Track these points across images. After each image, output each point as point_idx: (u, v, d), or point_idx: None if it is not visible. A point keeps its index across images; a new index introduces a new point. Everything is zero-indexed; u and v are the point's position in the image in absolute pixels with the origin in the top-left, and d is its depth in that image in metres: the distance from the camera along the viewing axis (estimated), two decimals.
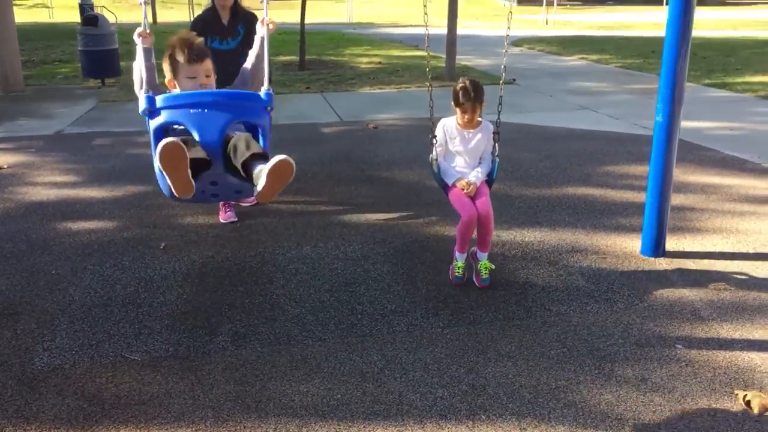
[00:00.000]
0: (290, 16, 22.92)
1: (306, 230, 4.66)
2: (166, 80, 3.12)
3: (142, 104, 2.79)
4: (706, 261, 4.16)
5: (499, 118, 3.82)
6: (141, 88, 2.94)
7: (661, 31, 3.99)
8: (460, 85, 3.71)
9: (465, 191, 3.71)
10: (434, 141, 3.82)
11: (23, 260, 4.16)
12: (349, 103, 9.41)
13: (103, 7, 16.35)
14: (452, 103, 3.76)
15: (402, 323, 3.42)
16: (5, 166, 6.21)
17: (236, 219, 4.78)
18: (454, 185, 3.77)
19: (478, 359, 3.10)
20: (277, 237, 4.54)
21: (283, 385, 2.90)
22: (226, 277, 3.94)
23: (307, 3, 13.08)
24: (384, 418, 2.68)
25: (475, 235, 3.79)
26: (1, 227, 4.70)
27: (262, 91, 2.93)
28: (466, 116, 3.72)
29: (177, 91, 3.06)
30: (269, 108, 2.91)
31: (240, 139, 2.69)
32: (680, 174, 5.78)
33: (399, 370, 3.01)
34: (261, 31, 3.25)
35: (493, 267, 3.85)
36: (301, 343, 3.23)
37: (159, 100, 2.79)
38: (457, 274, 3.82)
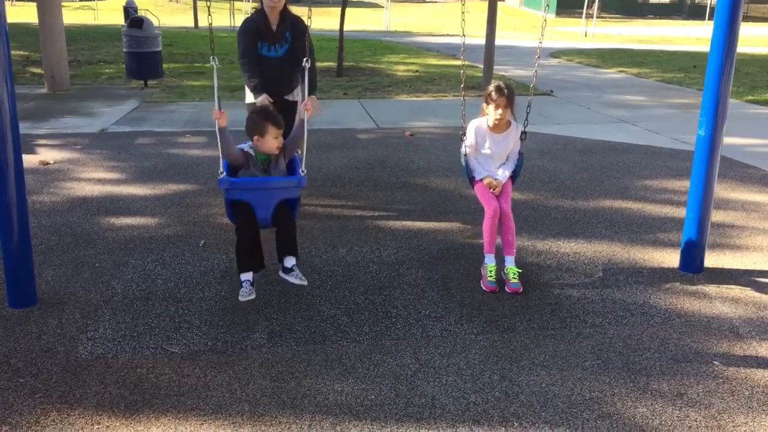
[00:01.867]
0: (329, 23, 23.14)
1: (342, 234, 4.71)
2: (254, 139, 3.79)
3: (219, 183, 3.63)
4: (745, 279, 4.10)
5: (527, 120, 3.99)
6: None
7: (703, 46, 3.97)
8: (494, 83, 3.97)
9: (492, 190, 3.94)
10: (464, 137, 4.05)
11: (68, 252, 4.29)
12: (385, 110, 9.47)
13: (147, 10, 16.73)
14: (483, 103, 3.97)
15: (436, 328, 3.44)
16: (51, 162, 6.40)
17: None
18: (480, 180, 4.02)
19: (512, 367, 3.10)
20: (314, 239, 4.60)
21: (318, 384, 2.94)
22: (262, 276, 4.00)
23: (346, 10, 13.22)
24: (417, 421, 2.71)
25: (499, 241, 3.93)
26: (48, 220, 4.85)
27: (301, 173, 3.71)
28: (499, 112, 3.87)
29: (258, 145, 3.81)
30: (302, 189, 3.81)
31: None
32: (721, 190, 5.71)
33: (432, 374, 3.03)
34: (302, 114, 3.90)
35: (521, 271, 3.88)
36: (336, 344, 3.27)
37: (228, 183, 3.63)
38: (489, 278, 3.84)
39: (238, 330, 3.37)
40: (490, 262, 3.88)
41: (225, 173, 3.67)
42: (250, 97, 4.77)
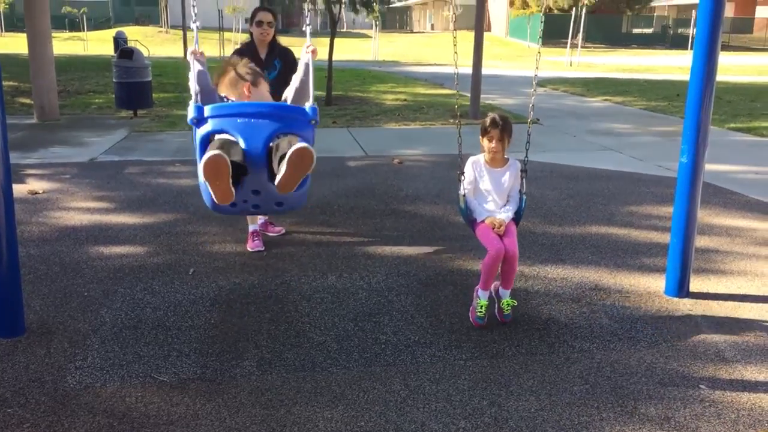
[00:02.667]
0: (318, 52, 23.39)
1: (331, 260, 4.74)
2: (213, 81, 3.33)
3: (191, 113, 2.88)
4: (730, 303, 4.15)
5: (526, 156, 3.89)
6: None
7: (686, 75, 4.07)
8: (489, 116, 3.83)
9: (495, 230, 3.73)
10: (462, 177, 3.89)
11: (57, 282, 4.28)
12: (374, 138, 9.57)
13: (137, 41, 16.87)
14: (480, 137, 3.85)
15: (425, 354, 3.45)
16: (41, 191, 6.40)
17: (263, 248, 4.87)
18: (482, 222, 3.81)
19: (501, 392, 3.12)
20: (303, 266, 4.62)
21: (308, 411, 2.94)
22: (252, 303, 4.01)
23: (335, 40, 13.39)
24: None
25: (499, 275, 3.82)
26: (36, 250, 4.84)
27: (308, 106, 3.04)
28: (493, 145, 3.76)
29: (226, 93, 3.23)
30: (313, 121, 3.00)
31: (284, 138, 2.77)
32: (705, 216, 5.79)
33: (422, 400, 3.03)
34: (305, 57, 3.47)
35: (516, 303, 3.86)
36: (325, 371, 3.28)
37: (207, 109, 2.88)
38: (479, 314, 3.77)
39: (228, 358, 3.37)
40: (483, 299, 3.79)
41: (199, 107, 2.89)
42: None
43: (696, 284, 4.34)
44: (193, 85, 3.11)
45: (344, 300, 4.09)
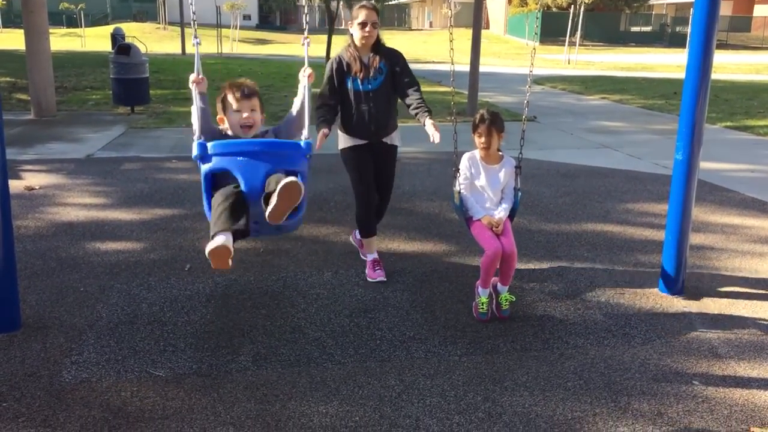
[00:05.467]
0: (316, 50, 23.35)
1: (327, 257, 4.75)
2: (217, 117, 3.34)
3: (195, 150, 3.02)
4: (724, 300, 4.17)
5: (521, 153, 3.92)
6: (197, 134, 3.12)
7: (683, 73, 4.08)
8: (479, 112, 3.91)
9: (493, 229, 3.76)
10: (457, 174, 3.92)
11: (53, 277, 4.28)
12: None
13: (134, 37, 16.84)
14: (472, 133, 3.90)
15: (420, 350, 3.47)
16: (37, 187, 6.40)
17: (385, 279, 4.34)
18: (478, 220, 3.83)
19: (495, 388, 3.13)
20: (299, 263, 4.63)
21: (303, 406, 2.95)
22: (248, 299, 4.02)
23: (333, 38, 13.38)
24: None
25: (498, 272, 3.84)
26: (32, 245, 4.84)
27: (302, 140, 3.15)
28: (482, 140, 3.82)
29: (225, 126, 3.28)
30: (308, 156, 3.14)
31: (276, 176, 2.89)
32: (700, 214, 5.82)
33: (417, 396, 3.05)
34: (303, 81, 3.42)
35: (514, 299, 3.89)
36: (320, 366, 3.29)
37: (210, 147, 3.00)
38: (481, 310, 3.82)
39: (223, 353, 3.38)
40: (484, 296, 3.82)
41: (202, 138, 3.04)
42: (343, 142, 4.44)
43: (691, 282, 4.36)
44: (195, 122, 3.16)
45: (340, 296, 4.10)
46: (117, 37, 16.81)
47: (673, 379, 3.25)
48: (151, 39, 32.53)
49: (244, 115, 3.23)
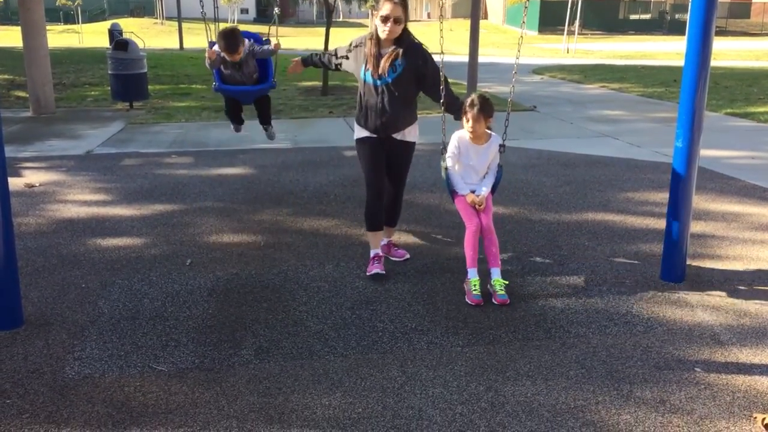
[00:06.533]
0: (314, 43, 23.28)
1: (328, 250, 4.75)
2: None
3: (214, 88, 5.11)
4: (725, 287, 4.16)
5: (505, 133, 4.13)
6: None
7: (683, 61, 4.07)
8: (469, 97, 4.08)
9: (477, 207, 4.02)
10: (444, 152, 4.17)
11: (54, 274, 4.29)
12: None
13: (132, 32, 16.80)
14: (461, 115, 4.08)
15: (422, 341, 3.47)
16: (37, 184, 6.40)
17: (382, 271, 4.27)
18: (463, 196, 4.09)
19: (497, 377, 3.13)
20: (300, 256, 4.63)
21: (306, 398, 2.96)
22: (250, 293, 4.03)
23: (331, 30, 13.34)
24: None
25: (484, 254, 4.01)
26: (33, 242, 4.85)
27: (271, 81, 5.16)
28: (470, 124, 3.99)
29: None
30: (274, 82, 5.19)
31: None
32: (701, 201, 5.81)
33: (419, 387, 3.05)
34: (270, 46, 5.03)
35: (507, 282, 3.93)
36: (323, 358, 3.29)
37: (221, 90, 5.13)
38: (474, 291, 3.88)
39: (226, 347, 3.39)
40: (473, 277, 3.94)
41: (217, 83, 5.01)
42: (357, 133, 4.37)
43: (692, 269, 4.36)
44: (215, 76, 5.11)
45: (341, 288, 4.10)
46: (114, 33, 16.74)
47: (675, 366, 3.25)
48: (149, 34, 32.46)
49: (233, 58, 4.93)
